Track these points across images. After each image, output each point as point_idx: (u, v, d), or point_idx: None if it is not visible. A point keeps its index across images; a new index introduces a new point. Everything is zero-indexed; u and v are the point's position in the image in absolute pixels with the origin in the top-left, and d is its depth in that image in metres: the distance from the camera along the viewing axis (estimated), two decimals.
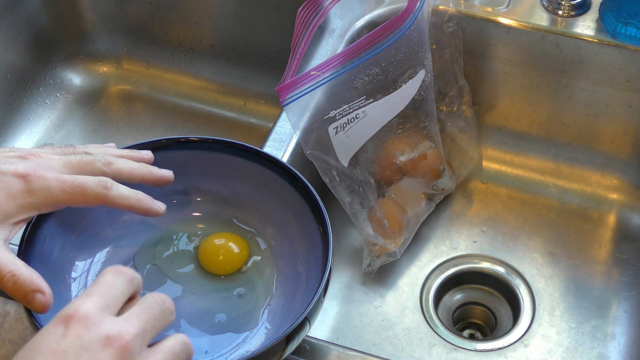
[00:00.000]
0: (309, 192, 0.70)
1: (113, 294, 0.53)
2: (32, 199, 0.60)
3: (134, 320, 0.51)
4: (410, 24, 0.83)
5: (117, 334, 0.50)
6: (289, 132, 0.89)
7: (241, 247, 0.73)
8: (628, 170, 1.04)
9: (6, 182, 0.60)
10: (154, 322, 0.53)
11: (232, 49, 1.15)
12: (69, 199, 0.61)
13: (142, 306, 0.53)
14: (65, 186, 0.61)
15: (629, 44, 0.95)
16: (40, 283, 0.58)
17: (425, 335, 0.92)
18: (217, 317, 0.69)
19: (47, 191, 0.61)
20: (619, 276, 0.97)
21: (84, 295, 0.52)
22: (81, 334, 0.49)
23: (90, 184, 0.62)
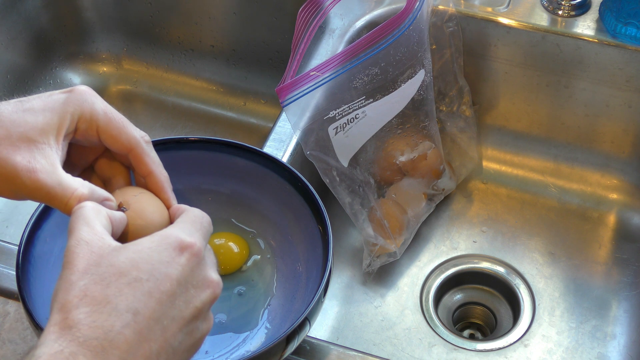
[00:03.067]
0: (309, 192, 0.70)
1: (208, 231, 0.55)
2: (72, 107, 0.58)
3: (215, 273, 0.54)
4: (409, 23, 0.83)
5: (217, 279, 0.53)
6: (289, 132, 0.89)
7: (241, 246, 0.73)
8: (628, 170, 1.04)
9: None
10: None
11: (232, 49, 1.15)
12: (107, 123, 0.59)
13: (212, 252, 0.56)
14: (108, 110, 0.60)
15: (629, 44, 0.95)
16: (107, 193, 0.58)
17: (425, 335, 0.92)
18: (217, 317, 0.69)
19: (91, 106, 0.59)
20: (619, 276, 0.97)
21: (193, 229, 0.53)
22: (194, 268, 0.51)
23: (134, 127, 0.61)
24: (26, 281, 0.63)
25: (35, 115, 0.57)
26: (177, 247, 0.51)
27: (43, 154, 0.56)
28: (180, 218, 0.55)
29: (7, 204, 1.06)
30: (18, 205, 1.05)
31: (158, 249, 0.51)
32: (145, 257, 0.50)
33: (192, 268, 0.51)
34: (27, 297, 0.62)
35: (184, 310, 0.50)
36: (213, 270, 0.53)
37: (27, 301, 0.61)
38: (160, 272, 0.49)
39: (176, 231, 0.52)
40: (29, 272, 0.64)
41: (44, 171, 0.56)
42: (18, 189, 0.56)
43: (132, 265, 0.49)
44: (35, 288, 0.63)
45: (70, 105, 0.58)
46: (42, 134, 0.57)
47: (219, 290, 0.53)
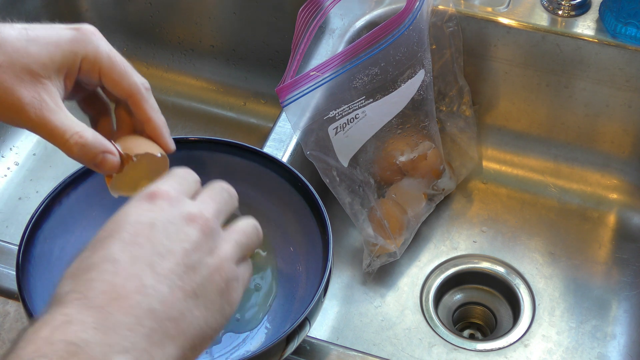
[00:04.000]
0: (309, 192, 0.70)
1: (188, 180, 0.54)
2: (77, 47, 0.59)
3: (209, 202, 0.53)
4: (409, 23, 0.83)
5: (199, 212, 0.51)
6: (289, 132, 0.89)
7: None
8: (628, 170, 1.04)
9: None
10: (225, 205, 0.54)
11: (232, 49, 1.15)
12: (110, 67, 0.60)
13: (213, 191, 0.54)
14: (112, 53, 0.60)
15: (629, 44, 0.95)
16: (108, 144, 0.58)
17: (425, 335, 0.92)
18: None
19: (96, 48, 0.59)
20: (619, 276, 0.97)
21: (161, 181, 0.53)
22: (165, 208, 0.50)
23: (136, 73, 0.61)
24: (26, 281, 0.63)
25: (40, 47, 0.57)
26: (145, 196, 0.51)
27: (47, 90, 0.56)
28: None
29: (7, 203, 1.06)
30: (18, 206, 1.05)
31: (130, 203, 0.50)
32: (120, 213, 0.50)
33: (163, 208, 0.50)
34: (27, 297, 0.62)
35: (170, 245, 0.48)
36: (199, 204, 0.52)
37: (27, 301, 0.61)
38: (130, 220, 0.49)
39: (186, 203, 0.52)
40: (29, 272, 0.64)
41: (49, 109, 0.56)
42: (22, 121, 0.56)
43: (109, 226, 0.49)
44: (35, 288, 0.63)
45: (76, 45, 0.58)
46: (45, 69, 0.57)
47: (202, 220, 0.50)
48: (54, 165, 1.10)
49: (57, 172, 1.08)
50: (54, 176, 1.08)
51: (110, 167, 0.59)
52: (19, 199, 1.06)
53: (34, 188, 1.07)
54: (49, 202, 0.67)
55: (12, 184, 1.07)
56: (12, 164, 1.09)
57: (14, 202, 1.06)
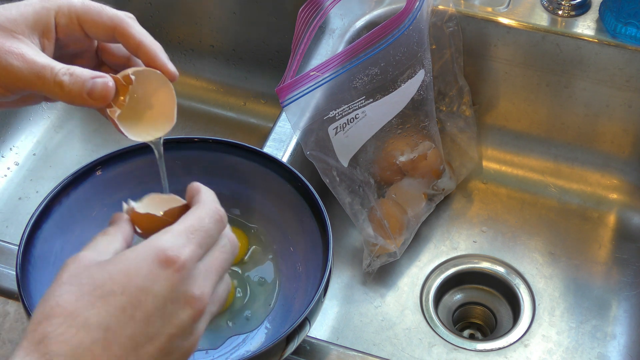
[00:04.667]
0: (309, 192, 0.70)
1: (208, 244, 0.51)
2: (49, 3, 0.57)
3: (213, 278, 0.50)
4: (408, 23, 0.83)
5: (200, 295, 0.49)
6: (289, 132, 0.89)
7: (240, 238, 0.73)
8: (628, 170, 1.04)
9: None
10: (225, 271, 0.52)
11: (232, 49, 1.15)
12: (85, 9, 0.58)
13: (222, 260, 0.52)
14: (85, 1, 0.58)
15: (629, 44, 0.95)
16: (98, 72, 0.55)
17: (425, 335, 0.92)
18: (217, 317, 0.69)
19: None
20: (619, 276, 0.97)
21: (186, 237, 0.49)
22: (174, 284, 0.47)
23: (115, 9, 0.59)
24: (26, 281, 0.63)
25: (9, 9, 0.56)
26: (159, 260, 0.47)
27: (23, 42, 0.55)
28: (181, 219, 0.51)
29: (7, 204, 1.06)
30: (18, 205, 1.05)
31: (137, 260, 0.47)
32: (123, 269, 0.47)
33: (172, 284, 0.47)
34: (27, 297, 0.62)
35: (160, 329, 0.47)
36: (203, 282, 0.49)
37: (27, 301, 0.61)
38: (136, 285, 0.46)
39: (164, 241, 0.49)
40: (29, 272, 0.64)
41: (31, 54, 0.54)
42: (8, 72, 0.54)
43: (109, 277, 0.47)
44: (35, 288, 0.63)
45: (47, 1, 0.57)
46: (16, 25, 0.56)
47: (200, 306, 0.49)
48: (54, 165, 1.10)
49: (57, 172, 1.08)
50: (54, 176, 1.08)
51: (103, 92, 0.54)
52: (19, 199, 1.06)
53: (34, 188, 1.07)
54: (49, 202, 0.67)
55: (12, 184, 1.07)
56: (12, 164, 1.09)
57: (14, 202, 1.06)
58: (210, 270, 0.50)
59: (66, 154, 1.11)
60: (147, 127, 0.57)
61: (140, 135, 0.57)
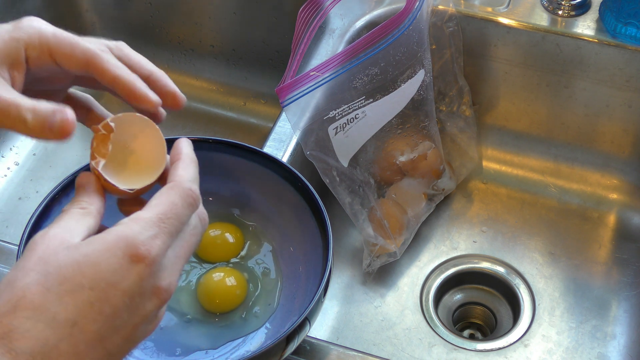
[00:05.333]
0: (309, 192, 0.70)
1: (179, 230, 0.50)
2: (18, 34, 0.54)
3: (181, 263, 0.50)
4: (408, 23, 0.83)
5: (167, 285, 0.49)
6: (289, 132, 0.89)
7: (235, 235, 0.73)
8: (628, 170, 1.04)
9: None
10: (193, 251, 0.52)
11: (232, 49, 1.15)
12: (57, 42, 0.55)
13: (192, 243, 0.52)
14: (57, 31, 0.55)
15: (629, 44, 0.95)
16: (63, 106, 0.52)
17: (425, 335, 0.92)
18: (217, 316, 0.69)
19: (38, 30, 0.55)
20: (619, 276, 0.97)
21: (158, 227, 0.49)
22: (143, 278, 0.47)
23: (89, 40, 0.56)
24: None
25: None
26: (130, 255, 0.47)
27: None
28: (152, 202, 0.50)
29: (7, 204, 1.06)
30: (18, 205, 1.05)
31: (107, 254, 0.47)
32: (93, 261, 0.47)
33: (142, 279, 0.47)
34: None
35: (127, 321, 0.47)
36: (171, 272, 0.49)
37: None
38: (105, 281, 0.46)
39: (135, 233, 0.48)
40: None
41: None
42: None
43: (78, 270, 0.46)
44: None
45: (16, 32, 0.54)
46: None
47: (167, 296, 0.49)
48: (54, 165, 1.10)
49: (57, 172, 1.08)
50: (54, 176, 1.08)
51: (64, 126, 0.52)
52: (19, 199, 1.06)
53: (34, 188, 1.07)
54: (49, 202, 0.67)
55: (12, 184, 1.07)
56: (12, 164, 1.09)
57: (14, 202, 1.06)
58: (179, 256, 0.50)
59: (66, 154, 1.11)
60: (136, 173, 0.55)
61: (130, 182, 0.55)
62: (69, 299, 0.45)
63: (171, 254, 0.50)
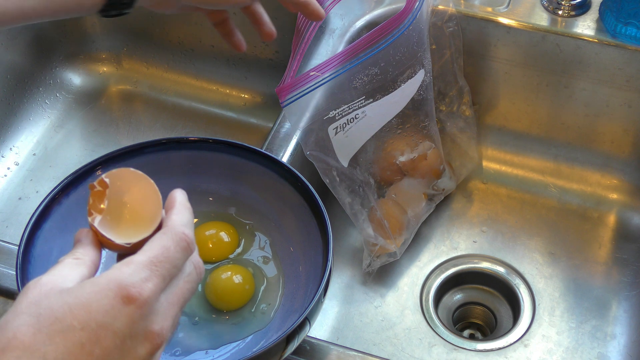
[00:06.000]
0: (309, 192, 0.70)
1: (172, 274, 0.50)
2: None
3: (175, 310, 0.50)
4: (408, 24, 0.83)
5: (160, 330, 0.49)
6: (289, 132, 0.89)
7: (230, 234, 0.73)
8: (628, 170, 1.04)
9: None
10: (188, 300, 0.52)
11: (232, 49, 1.15)
12: None
13: (186, 290, 0.51)
14: None
15: (629, 44, 0.95)
16: None
17: (425, 335, 0.92)
18: (227, 314, 0.69)
19: None
20: (619, 276, 0.97)
21: (149, 270, 0.48)
22: (135, 320, 0.47)
23: None
24: (26, 281, 0.63)
25: None
26: (121, 296, 0.47)
27: None
28: (145, 247, 0.50)
29: (7, 204, 1.06)
30: (18, 205, 1.05)
31: (98, 295, 0.47)
32: (84, 302, 0.46)
33: (133, 321, 0.47)
34: None
35: None
36: (163, 317, 0.49)
37: None
38: (96, 321, 0.46)
39: (126, 275, 0.48)
40: (29, 272, 0.64)
41: None
42: None
43: (69, 310, 0.46)
44: None
45: None
46: None
47: (159, 341, 0.49)
48: (54, 165, 1.10)
49: (57, 172, 1.08)
50: (54, 176, 1.08)
51: None
52: (19, 199, 1.06)
53: (34, 188, 1.07)
54: (49, 202, 0.67)
55: (12, 184, 1.07)
56: (12, 164, 1.09)
57: (14, 202, 1.06)
58: (173, 302, 0.50)
59: (66, 154, 1.11)
60: (133, 226, 0.56)
61: (127, 236, 0.55)
62: (59, 339, 0.45)
63: (164, 298, 0.49)
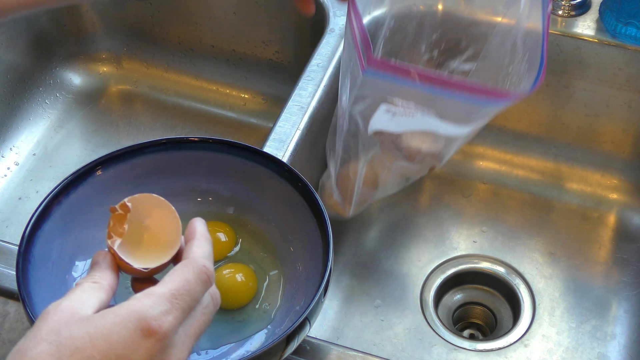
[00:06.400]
0: (309, 192, 0.70)
1: (192, 307, 0.51)
2: None
3: (192, 342, 0.51)
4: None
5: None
6: (289, 132, 0.89)
7: (227, 234, 0.73)
8: (628, 170, 1.04)
9: None
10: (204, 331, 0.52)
11: (232, 49, 1.15)
12: None
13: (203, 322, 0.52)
14: None
15: (629, 44, 0.95)
16: None
17: (425, 335, 0.92)
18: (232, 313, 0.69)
19: None
20: (619, 276, 0.97)
21: (170, 303, 0.49)
22: (154, 353, 0.48)
23: None
24: (26, 281, 0.63)
25: None
26: (141, 329, 0.47)
27: None
28: (166, 279, 0.51)
29: (7, 204, 1.06)
30: (18, 205, 1.05)
31: (119, 326, 0.47)
32: (104, 333, 0.47)
33: (152, 354, 0.47)
34: (27, 297, 0.62)
35: None
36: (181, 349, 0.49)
37: (26, 301, 0.61)
38: (116, 354, 0.46)
39: (147, 307, 0.48)
40: (29, 272, 0.64)
41: None
42: None
43: (89, 341, 0.46)
44: (35, 288, 0.63)
45: None
46: None
47: None
48: (54, 165, 1.10)
49: (57, 172, 1.08)
50: (54, 176, 1.08)
51: None
52: (19, 199, 1.06)
53: (34, 188, 1.07)
54: (49, 202, 0.67)
55: (12, 184, 1.07)
56: (12, 164, 1.09)
57: (14, 202, 1.06)
58: (190, 334, 0.51)
59: (66, 154, 1.11)
60: (151, 252, 0.56)
61: (145, 261, 0.56)
62: None
63: (182, 331, 0.50)
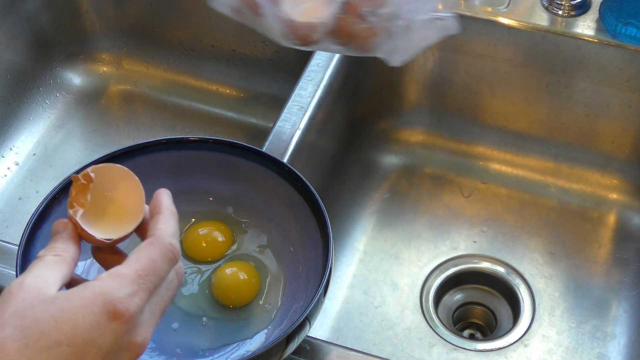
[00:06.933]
0: (309, 192, 0.70)
1: (157, 286, 0.51)
2: None
3: (156, 319, 0.51)
4: None
5: (142, 341, 0.49)
6: (289, 132, 0.89)
7: (224, 233, 0.73)
8: (628, 170, 1.04)
9: None
10: (168, 305, 0.52)
11: (232, 49, 1.15)
12: None
13: (168, 297, 0.52)
14: None
15: (629, 44, 0.95)
16: None
17: (425, 335, 0.92)
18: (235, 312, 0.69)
19: None
20: (619, 276, 0.97)
21: (137, 284, 0.49)
22: (119, 335, 0.48)
23: None
24: None
25: None
26: (107, 312, 0.47)
27: None
28: (132, 258, 0.51)
29: (7, 204, 1.06)
30: (18, 205, 1.05)
31: (85, 310, 0.47)
32: (70, 317, 0.47)
33: (118, 335, 0.48)
34: None
35: None
36: (146, 328, 0.50)
37: None
38: (82, 338, 0.46)
39: (113, 290, 0.48)
40: None
41: None
42: None
43: (55, 325, 0.46)
44: None
45: None
46: None
47: (140, 351, 0.49)
48: (54, 165, 1.10)
49: (57, 172, 1.08)
50: (54, 176, 1.08)
51: None
52: (19, 199, 1.06)
53: (34, 188, 1.07)
54: (49, 202, 0.67)
55: (12, 184, 1.07)
56: (12, 164, 1.09)
57: (14, 202, 1.06)
58: (155, 312, 0.51)
59: (66, 154, 1.11)
60: (114, 222, 0.56)
61: (107, 232, 0.55)
62: (46, 356, 0.46)
63: (147, 310, 0.50)
